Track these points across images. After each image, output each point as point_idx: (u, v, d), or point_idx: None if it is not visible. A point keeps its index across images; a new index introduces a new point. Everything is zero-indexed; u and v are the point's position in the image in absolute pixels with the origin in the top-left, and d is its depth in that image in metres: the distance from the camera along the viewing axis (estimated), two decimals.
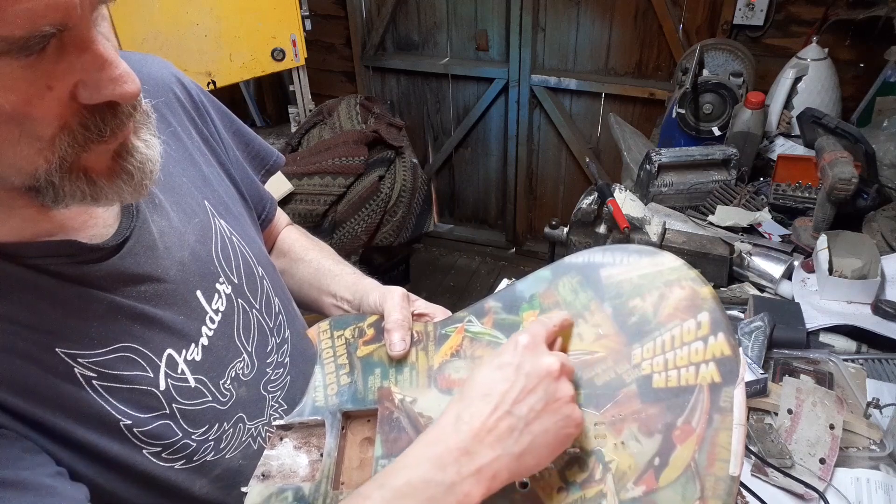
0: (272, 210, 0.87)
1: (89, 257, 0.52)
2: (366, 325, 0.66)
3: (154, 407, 0.56)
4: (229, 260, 0.66)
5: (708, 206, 1.55)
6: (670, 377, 0.51)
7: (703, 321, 0.51)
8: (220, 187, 0.70)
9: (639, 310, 0.53)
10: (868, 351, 1.10)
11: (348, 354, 0.65)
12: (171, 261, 0.59)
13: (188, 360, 0.59)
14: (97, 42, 0.41)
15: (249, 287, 0.68)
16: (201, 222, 0.64)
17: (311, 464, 0.61)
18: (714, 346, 0.50)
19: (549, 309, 0.57)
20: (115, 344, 0.53)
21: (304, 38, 2.23)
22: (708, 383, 0.50)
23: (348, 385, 0.63)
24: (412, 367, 0.62)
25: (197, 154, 0.68)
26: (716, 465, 0.47)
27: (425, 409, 0.59)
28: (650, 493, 0.49)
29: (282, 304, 0.74)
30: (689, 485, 0.47)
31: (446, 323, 0.63)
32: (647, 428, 0.50)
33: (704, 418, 0.49)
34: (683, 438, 0.49)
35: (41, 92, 0.40)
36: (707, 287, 0.53)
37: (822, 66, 1.81)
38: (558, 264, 0.59)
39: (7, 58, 0.37)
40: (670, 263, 0.55)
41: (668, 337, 0.52)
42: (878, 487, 0.85)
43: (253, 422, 0.65)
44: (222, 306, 0.63)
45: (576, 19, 2.54)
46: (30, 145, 0.41)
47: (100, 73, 0.42)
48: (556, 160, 2.90)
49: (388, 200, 2.31)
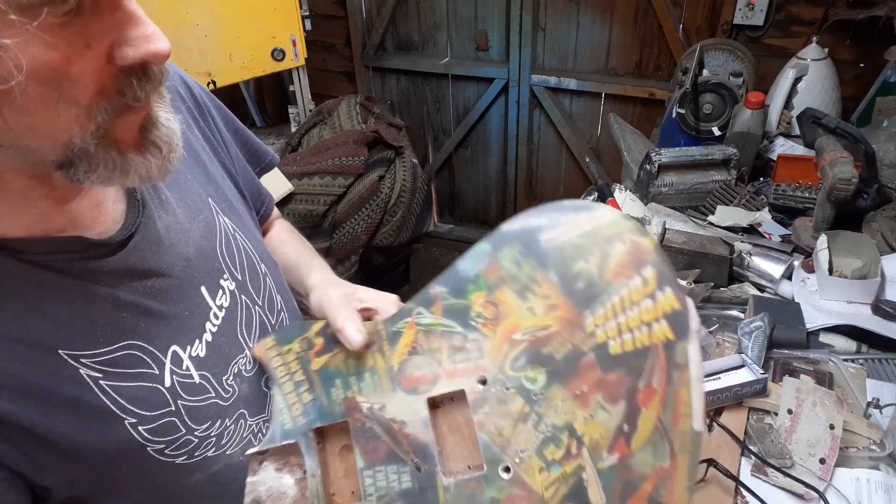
0: (270, 206, 0.87)
1: (96, 253, 0.52)
2: (312, 335, 0.62)
3: (160, 404, 0.56)
4: (233, 257, 0.66)
5: (708, 206, 1.55)
6: (625, 341, 0.51)
7: (649, 276, 0.51)
8: (223, 185, 0.70)
9: (584, 273, 0.52)
10: (868, 351, 1.10)
11: (303, 370, 0.61)
12: (176, 256, 0.59)
13: (193, 357, 0.59)
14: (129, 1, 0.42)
15: (253, 284, 0.68)
16: (206, 219, 0.64)
17: (297, 483, 0.60)
18: (663, 301, 0.50)
19: (496, 286, 0.55)
20: (121, 342, 0.53)
21: (304, 38, 2.23)
22: (662, 342, 0.50)
23: (312, 402, 0.60)
24: (373, 372, 0.59)
25: (201, 152, 0.69)
26: (680, 422, 0.50)
27: (396, 413, 0.58)
28: (624, 458, 0.50)
29: (284, 302, 0.74)
30: (659, 445, 0.50)
31: (395, 319, 0.59)
32: (611, 395, 0.51)
33: (664, 378, 0.50)
34: (647, 401, 0.50)
35: (80, 51, 0.40)
36: (647, 237, 0.52)
37: (822, 66, 1.81)
38: (496, 234, 0.56)
39: (48, 8, 0.37)
40: (607, 217, 0.53)
41: (617, 299, 0.51)
42: (878, 487, 0.85)
43: (254, 418, 0.65)
44: (226, 302, 0.63)
45: (576, 19, 2.54)
46: (67, 111, 0.41)
47: (134, 31, 0.42)
48: (556, 160, 2.90)
49: (388, 200, 2.31)
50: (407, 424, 0.57)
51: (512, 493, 0.54)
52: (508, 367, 0.55)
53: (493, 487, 0.54)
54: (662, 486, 0.50)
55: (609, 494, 0.51)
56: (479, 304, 0.56)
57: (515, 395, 0.54)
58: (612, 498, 0.51)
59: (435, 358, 0.57)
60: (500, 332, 0.55)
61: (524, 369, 0.54)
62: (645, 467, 0.50)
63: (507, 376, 0.55)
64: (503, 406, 0.55)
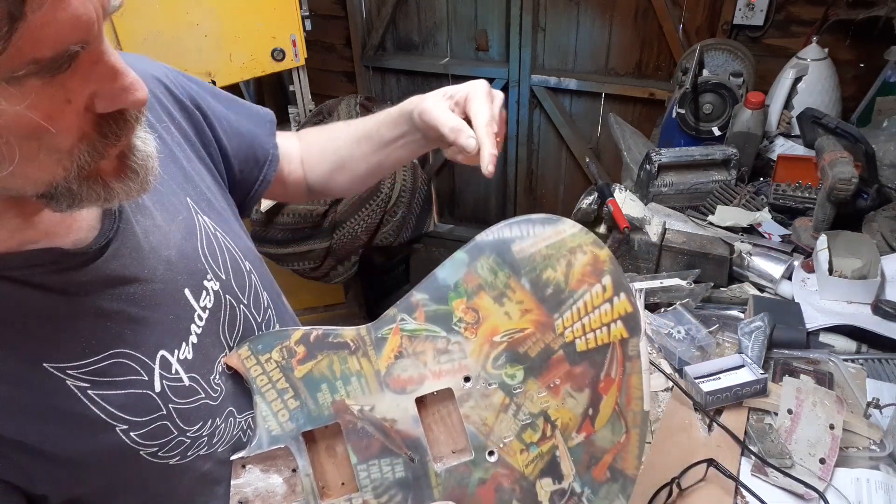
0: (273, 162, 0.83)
1: (73, 263, 0.52)
2: (293, 343, 0.63)
3: (151, 409, 0.56)
4: (215, 256, 0.66)
5: (708, 206, 1.55)
6: (589, 339, 0.63)
7: (607, 284, 0.63)
8: (201, 184, 0.69)
9: (553, 280, 0.62)
10: (868, 351, 1.10)
11: (286, 378, 0.62)
12: (157, 260, 0.58)
13: (181, 360, 0.59)
14: (109, 53, 0.42)
15: (237, 282, 0.68)
16: (185, 220, 0.64)
17: (285, 481, 0.62)
18: (618, 305, 0.63)
19: (474, 293, 0.63)
20: (107, 351, 0.53)
21: (304, 38, 2.23)
22: (618, 339, 0.63)
23: (299, 408, 0.62)
24: (359, 376, 0.62)
25: (177, 150, 0.68)
26: (633, 403, 0.63)
27: (386, 413, 0.62)
28: (590, 436, 0.63)
29: (270, 299, 0.74)
30: (616, 424, 0.63)
31: (379, 325, 0.63)
32: (578, 385, 0.63)
33: (620, 368, 0.63)
34: (607, 388, 0.63)
35: (61, 106, 0.40)
36: (604, 250, 0.63)
37: (822, 66, 1.81)
38: (473, 245, 0.63)
39: (34, 78, 0.37)
40: (570, 230, 0.63)
41: (582, 304, 0.63)
42: (878, 487, 0.85)
43: (243, 415, 0.65)
44: (210, 303, 0.63)
45: (576, 19, 2.54)
46: (49, 157, 0.42)
47: (113, 84, 0.43)
48: (556, 160, 2.90)
49: (388, 200, 2.31)
50: (397, 422, 0.62)
51: (497, 472, 0.63)
52: (490, 365, 0.63)
53: (480, 469, 0.63)
54: (619, 457, 0.63)
55: (578, 466, 0.63)
56: (460, 310, 0.62)
57: (497, 390, 0.63)
58: (580, 469, 0.63)
59: (420, 360, 0.62)
60: (481, 335, 0.63)
61: (504, 367, 0.63)
62: (606, 442, 0.63)
63: (490, 374, 0.63)
64: (486, 400, 0.63)
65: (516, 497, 0.63)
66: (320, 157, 0.88)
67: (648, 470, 0.88)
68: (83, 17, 0.38)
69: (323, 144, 0.88)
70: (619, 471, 0.63)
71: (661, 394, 1.03)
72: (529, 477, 0.63)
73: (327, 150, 0.87)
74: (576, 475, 0.63)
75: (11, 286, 0.48)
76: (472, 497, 0.62)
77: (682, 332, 1.12)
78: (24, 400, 0.49)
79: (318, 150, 0.88)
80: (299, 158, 0.89)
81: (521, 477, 0.63)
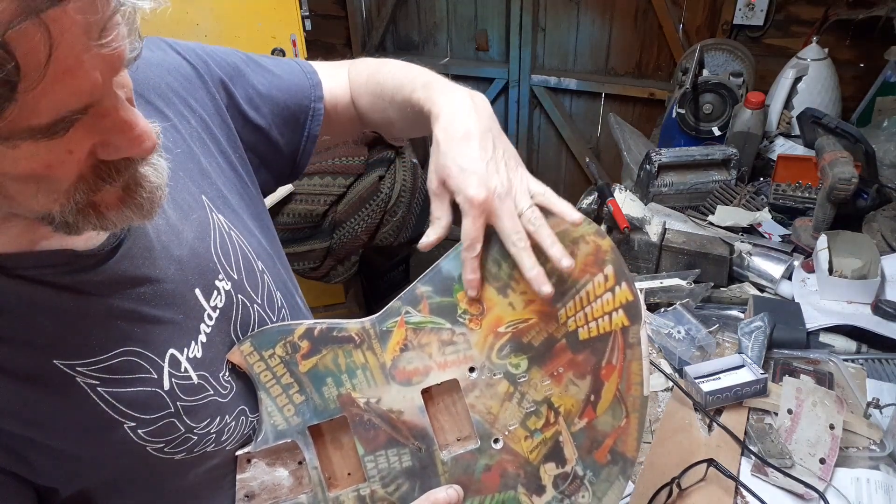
0: (316, 116, 0.82)
1: (85, 264, 0.52)
2: (296, 338, 0.62)
3: (159, 407, 0.56)
4: (228, 256, 0.65)
5: (708, 206, 1.55)
6: (591, 328, 0.63)
7: (609, 273, 0.62)
8: (218, 180, 0.69)
9: (555, 271, 0.60)
10: (868, 351, 1.10)
11: (290, 373, 0.62)
12: (168, 260, 0.58)
13: (190, 358, 0.59)
14: (118, 108, 0.41)
15: (250, 282, 0.67)
16: (199, 218, 0.63)
17: (292, 473, 0.62)
18: (620, 294, 0.63)
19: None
20: (117, 349, 0.53)
21: (304, 38, 2.23)
22: (620, 328, 0.63)
23: (304, 402, 0.62)
24: (364, 369, 0.62)
25: (196, 145, 0.67)
26: (633, 389, 0.64)
27: (392, 404, 0.62)
28: (591, 422, 0.64)
29: (284, 299, 0.73)
30: (617, 408, 0.64)
31: (384, 319, 0.63)
32: (581, 372, 0.64)
33: (621, 355, 0.63)
34: (608, 375, 0.64)
35: (62, 157, 0.40)
36: (606, 240, 0.63)
37: (822, 66, 1.81)
38: None
39: (31, 141, 0.37)
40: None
41: (584, 293, 0.63)
42: (878, 487, 0.85)
43: (254, 415, 0.65)
44: (221, 303, 0.63)
45: (576, 19, 2.54)
46: (46, 196, 0.42)
47: (119, 136, 0.42)
48: (556, 160, 2.90)
49: (388, 200, 2.31)
50: (404, 413, 0.63)
51: (502, 458, 0.64)
52: (495, 355, 0.63)
53: (486, 456, 0.64)
54: (620, 440, 0.64)
55: (580, 450, 0.64)
56: (465, 302, 0.63)
57: (502, 380, 0.63)
58: (583, 453, 0.64)
59: (426, 352, 0.63)
60: (486, 326, 0.63)
61: (508, 357, 0.63)
62: (607, 427, 0.64)
63: (494, 364, 0.63)
64: (491, 389, 0.63)
65: (521, 482, 0.64)
66: (370, 100, 0.83)
67: (648, 470, 0.88)
68: (85, 87, 0.37)
69: (373, 88, 0.82)
70: (620, 453, 0.64)
71: (661, 394, 1.03)
72: (534, 462, 0.64)
73: (374, 94, 0.82)
74: (578, 459, 0.64)
75: (23, 284, 0.48)
76: (478, 483, 0.64)
77: (682, 332, 1.12)
78: (33, 396, 0.49)
79: (367, 92, 0.83)
80: (348, 98, 0.85)
81: (525, 462, 0.64)
